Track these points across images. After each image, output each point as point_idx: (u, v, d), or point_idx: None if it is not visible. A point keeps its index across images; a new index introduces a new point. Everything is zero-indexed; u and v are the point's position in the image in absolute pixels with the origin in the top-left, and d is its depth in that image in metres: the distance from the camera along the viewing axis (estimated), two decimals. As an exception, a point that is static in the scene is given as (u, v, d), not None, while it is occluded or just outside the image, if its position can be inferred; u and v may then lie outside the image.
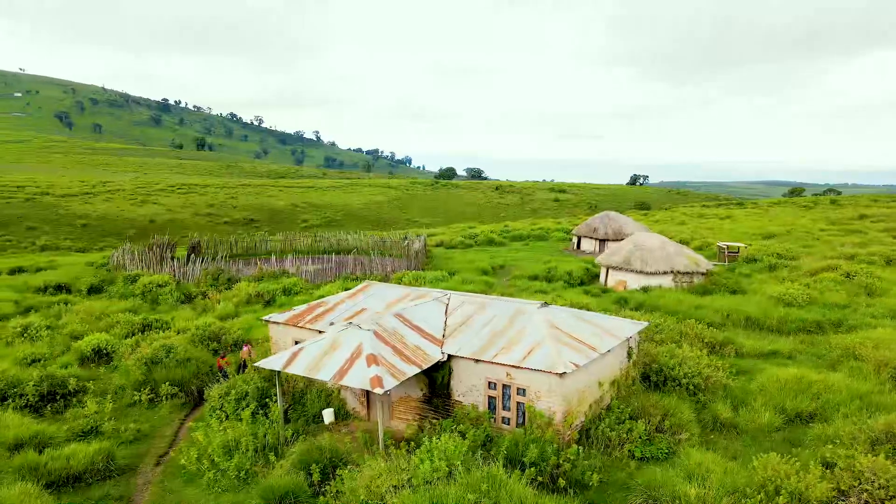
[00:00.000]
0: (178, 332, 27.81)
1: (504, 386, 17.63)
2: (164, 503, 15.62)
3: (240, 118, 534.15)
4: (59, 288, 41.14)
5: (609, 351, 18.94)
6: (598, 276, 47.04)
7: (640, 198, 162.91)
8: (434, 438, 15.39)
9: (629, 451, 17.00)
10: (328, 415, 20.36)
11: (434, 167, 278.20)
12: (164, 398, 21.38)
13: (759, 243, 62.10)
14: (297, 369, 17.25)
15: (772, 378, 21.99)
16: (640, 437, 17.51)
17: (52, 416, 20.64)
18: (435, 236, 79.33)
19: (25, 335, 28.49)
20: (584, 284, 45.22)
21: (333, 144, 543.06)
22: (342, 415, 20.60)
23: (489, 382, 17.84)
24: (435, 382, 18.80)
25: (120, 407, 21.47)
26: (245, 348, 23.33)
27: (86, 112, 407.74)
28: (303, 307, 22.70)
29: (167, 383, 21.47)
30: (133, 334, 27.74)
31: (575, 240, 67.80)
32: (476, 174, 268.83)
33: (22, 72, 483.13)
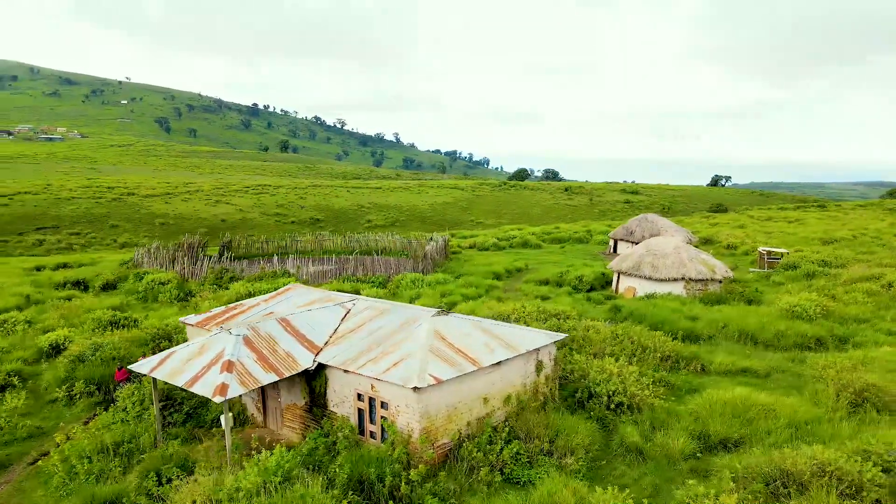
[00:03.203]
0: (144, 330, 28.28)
1: (371, 399, 16.66)
2: (7, 503, 15.70)
3: (323, 121, 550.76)
4: (77, 284, 43.15)
5: (499, 364, 17.55)
6: (612, 281, 44.70)
7: (718, 199, 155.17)
8: (265, 451, 14.66)
9: (488, 476, 15.58)
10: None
11: (512, 168, 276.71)
12: (77, 396, 21.70)
13: (812, 249, 57.50)
14: (161, 374, 16.94)
15: (710, 399, 19.78)
16: (511, 460, 16.09)
17: (-27, 410, 21.34)
18: (476, 237, 78.28)
19: (1, 329, 29.88)
20: (594, 290, 43.09)
21: (412, 146, 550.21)
22: (241, 420, 20.24)
23: (358, 394, 16.91)
24: (314, 391, 18.07)
25: (42, 403, 22.01)
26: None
27: (183, 117, 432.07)
28: (220, 308, 22.51)
29: (83, 381, 21.76)
30: (97, 330, 28.44)
31: (612, 243, 65.02)
32: (552, 175, 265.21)
33: (128, 80, 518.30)
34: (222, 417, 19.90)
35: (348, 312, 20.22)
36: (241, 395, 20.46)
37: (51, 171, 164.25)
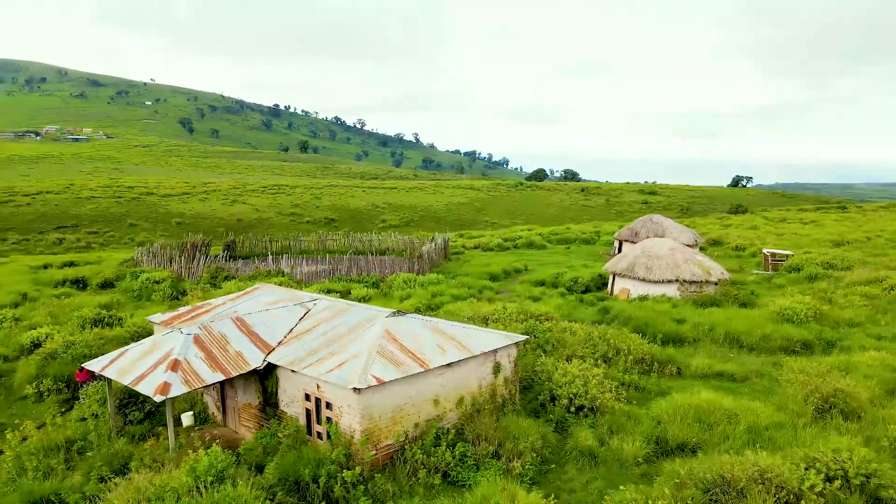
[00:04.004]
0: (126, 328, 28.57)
1: (317, 399, 16.60)
2: (-45, 498, 15.92)
3: (343, 122, 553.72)
4: (76, 282, 43.79)
5: (450, 366, 17.37)
6: (608, 283, 44.17)
7: (738, 200, 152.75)
8: (200, 451, 14.66)
9: (428, 478, 15.42)
10: (186, 418, 20.11)
11: (532, 168, 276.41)
12: (46, 393, 21.96)
13: (820, 251, 56.25)
14: (111, 372, 17.05)
15: (675, 403, 19.38)
16: (457, 463, 15.91)
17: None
18: (481, 237, 77.95)
19: (-11, 326, 30.42)
20: (589, 292, 42.61)
21: (432, 146, 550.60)
22: (202, 419, 20.31)
23: (305, 394, 16.85)
24: (267, 391, 18.06)
25: (12, 400, 22.33)
26: None
27: (205, 118, 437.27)
28: (187, 307, 22.63)
29: (51, 378, 22.03)
30: (79, 328, 28.79)
31: (616, 244, 64.22)
32: (571, 176, 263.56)
33: (152, 81, 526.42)
34: (183, 416, 20.13)
35: (308, 312, 20.19)
36: (202, 394, 20.62)
37: (75, 171, 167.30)
